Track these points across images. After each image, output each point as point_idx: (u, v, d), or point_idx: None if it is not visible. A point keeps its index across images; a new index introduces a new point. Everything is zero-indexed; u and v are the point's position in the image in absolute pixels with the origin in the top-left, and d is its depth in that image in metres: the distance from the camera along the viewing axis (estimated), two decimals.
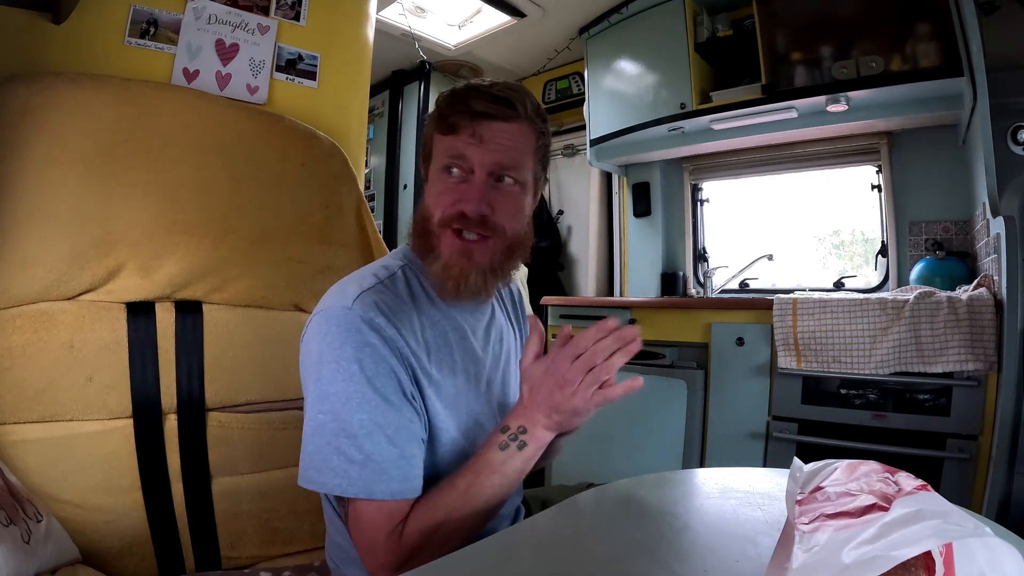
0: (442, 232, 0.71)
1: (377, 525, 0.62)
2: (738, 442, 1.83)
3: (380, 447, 0.62)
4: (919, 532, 0.33)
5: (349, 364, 0.62)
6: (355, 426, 0.62)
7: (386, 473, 0.62)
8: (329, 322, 0.65)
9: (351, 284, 0.69)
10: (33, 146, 0.92)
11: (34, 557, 0.74)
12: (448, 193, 0.70)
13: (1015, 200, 1.32)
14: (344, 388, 0.62)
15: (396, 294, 0.70)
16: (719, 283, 2.52)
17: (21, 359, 0.88)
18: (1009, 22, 1.32)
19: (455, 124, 0.70)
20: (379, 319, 0.65)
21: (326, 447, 0.62)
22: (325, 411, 0.63)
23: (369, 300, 0.66)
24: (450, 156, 0.70)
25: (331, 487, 0.62)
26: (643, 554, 0.48)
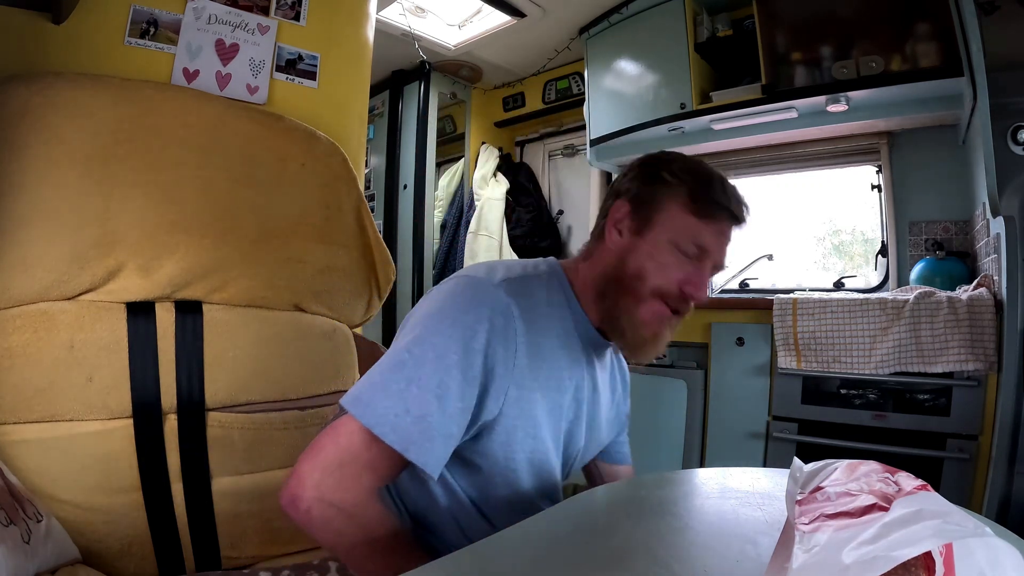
0: (652, 299, 0.73)
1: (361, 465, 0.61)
2: (738, 442, 1.83)
3: (440, 416, 0.61)
4: (919, 532, 0.33)
5: (462, 329, 0.63)
6: (432, 381, 0.61)
7: (430, 440, 0.61)
8: (468, 287, 0.67)
9: (500, 268, 0.72)
10: (33, 146, 0.92)
11: (34, 557, 0.74)
12: (677, 270, 0.72)
13: (1015, 200, 1.32)
14: (443, 343, 0.62)
15: (536, 296, 0.71)
16: (719, 283, 2.52)
17: (21, 359, 0.88)
18: (1009, 22, 1.32)
19: (713, 216, 0.73)
20: (514, 307, 0.66)
21: (393, 386, 0.61)
22: (414, 353, 0.62)
23: (513, 287, 0.68)
24: (695, 241, 0.73)
25: (371, 421, 0.60)
26: (643, 554, 0.48)
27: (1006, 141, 1.31)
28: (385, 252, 1.27)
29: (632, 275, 0.73)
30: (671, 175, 0.74)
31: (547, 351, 0.71)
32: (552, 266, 0.79)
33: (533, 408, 0.69)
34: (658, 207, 0.74)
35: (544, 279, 0.75)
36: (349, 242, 1.22)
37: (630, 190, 0.77)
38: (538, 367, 0.69)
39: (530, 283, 0.72)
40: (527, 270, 0.74)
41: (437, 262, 3.16)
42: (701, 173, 0.75)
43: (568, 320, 0.75)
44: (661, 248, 0.73)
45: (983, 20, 1.33)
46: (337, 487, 0.60)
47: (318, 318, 1.17)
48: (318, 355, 1.14)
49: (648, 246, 0.73)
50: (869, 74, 1.82)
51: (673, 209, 0.73)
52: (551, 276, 0.76)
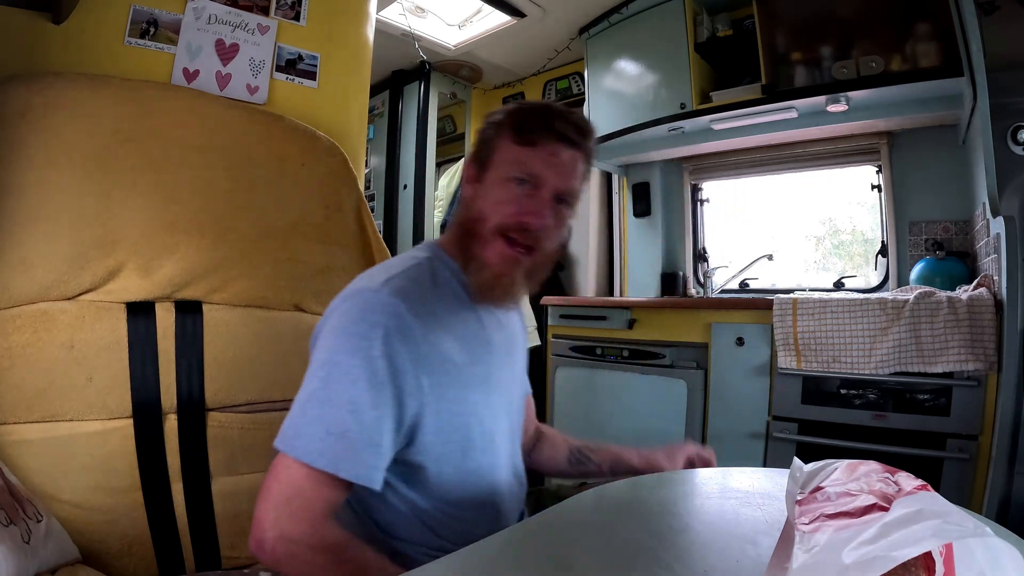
0: (493, 238, 0.73)
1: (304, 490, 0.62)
2: (738, 442, 1.83)
3: (359, 428, 0.63)
4: (919, 532, 0.33)
5: (359, 340, 0.64)
6: (342, 399, 0.63)
7: (357, 455, 0.62)
8: (354, 300, 0.68)
9: (380, 271, 0.72)
10: (33, 146, 0.92)
11: (34, 557, 0.74)
12: (512, 203, 0.73)
13: (1015, 200, 1.32)
14: (346, 361, 0.63)
15: (421, 284, 0.72)
16: (719, 283, 2.52)
17: (21, 359, 0.88)
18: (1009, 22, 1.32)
19: (535, 140, 0.73)
20: (402, 305, 0.66)
21: (310, 412, 0.63)
22: (321, 377, 0.64)
23: (395, 286, 0.68)
24: (523, 169, 0.73)
25: (301, 452, 0.62)
26: (643, 554, 0.48)
27: (1006, 141, 1.31)
28: (385, 252, 1.28)
29: (475, 218, 0.75)
30: (499, 118, 0.77)
31: (449, 330, 0.72)
32: (430, 246, 0.80)
33: (454, 390, 0.71)
34: (491, 150, 0.76)
35: (425, 264, 0.76)
36: (349, 242, 1.22)
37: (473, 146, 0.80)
38: (446, 350, 0.70)
39: (413, 274, 0.73)
40: (407, 262, 0.75)
41: None
42: (522, 107, 0.78)
43: (460, 289, 0.77)
44: (496, 186, 0.74)
45: (983, 20, 1.32)
46: (292, 520, 0.61)
47: (318, 318, 1.16)
48: None
49: (486, 188, 0.75)
50: (869, 74, 1.82)
51: (502, 146, 0.75)
52: (431, 258, 0.78)
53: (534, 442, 0.99)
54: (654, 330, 2.07)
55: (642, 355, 2.06)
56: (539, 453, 0.98)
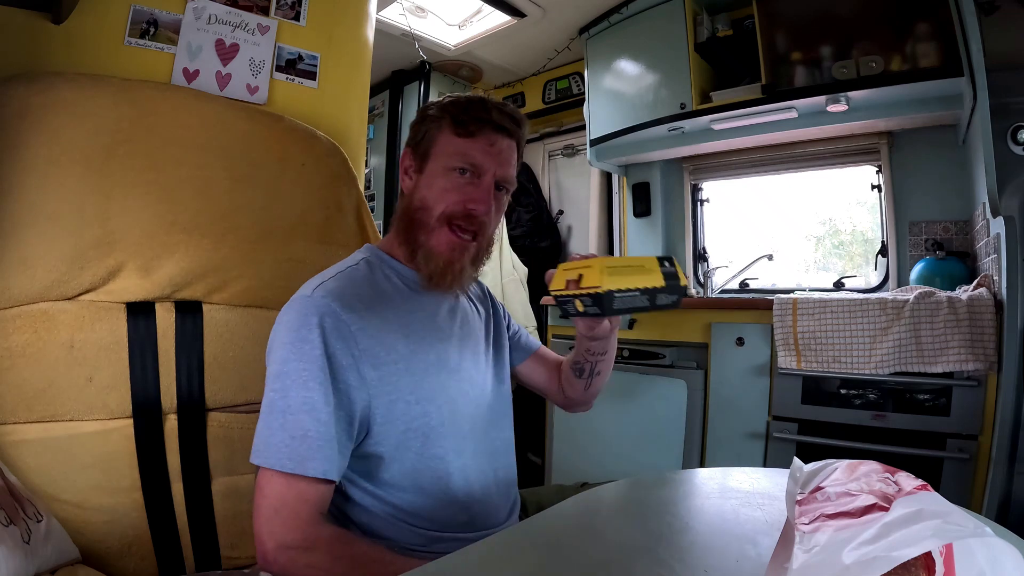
0: (440, 227, 0.76)
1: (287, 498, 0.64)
2: (738, 442, 1.83)
3: (317, 426, 0.65)
4: (919, 532, 0.33)
5: (300, 345, 0.66)
6: (298, 403, 0.65)
7: (320, 450, 0.64)
8: (290, 309, 0.70)
9: (315, 278, 0.74)
10: (33, 146, 0.92)
11: (34, 557, 0.74)
12: (455, 192, 0.76)
13: (1015, 200, 1.32)
14: (294, 367, 0.66)
15: (355, 283, 0.74)
16: (719, 283, 2.52)
17: (21, 359, 0.88)
18: (1009, 22, 1.32)
19: (474, 131, 0.77)
20: (334, 304, 0.69)
21: (273, 423, 0.65)
22: (276, 389, 0.66)
23: (327, 288, 0.71)
24: (465, 160, 0.77)
25: (272, 461, 0.64)
26: (643, 554, 0.48)
27: (1006, 141, 1.31)
28: None
29: (418, 208, 0.78)
30: (436, 110, 0.79)
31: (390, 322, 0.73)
32: (367, 249, 0.83)
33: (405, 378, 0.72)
34: (430, 141, 0.78)
35: (362, 264, 0.78)
36: (349, 242, 1.22)
37: (409, 138, 0.82)
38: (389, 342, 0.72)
39: (344, 277, 0.75)
40: (339, 267, 0.78)
41: None
42: (461, 99, 0.80)
43: (399, 283, 0.79)
44: (438, 176, 0.77)
45: (983, 20, 1.32)
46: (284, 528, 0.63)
47: None
48: None
49: (427, 178, 0.78)
50: (869, 74, 1.82)
51: (442, 138, 0.78)
52: (366, 258, 0.80)
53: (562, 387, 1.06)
54: (654, 330, 2.07)
55: (642, 355, 2.06)
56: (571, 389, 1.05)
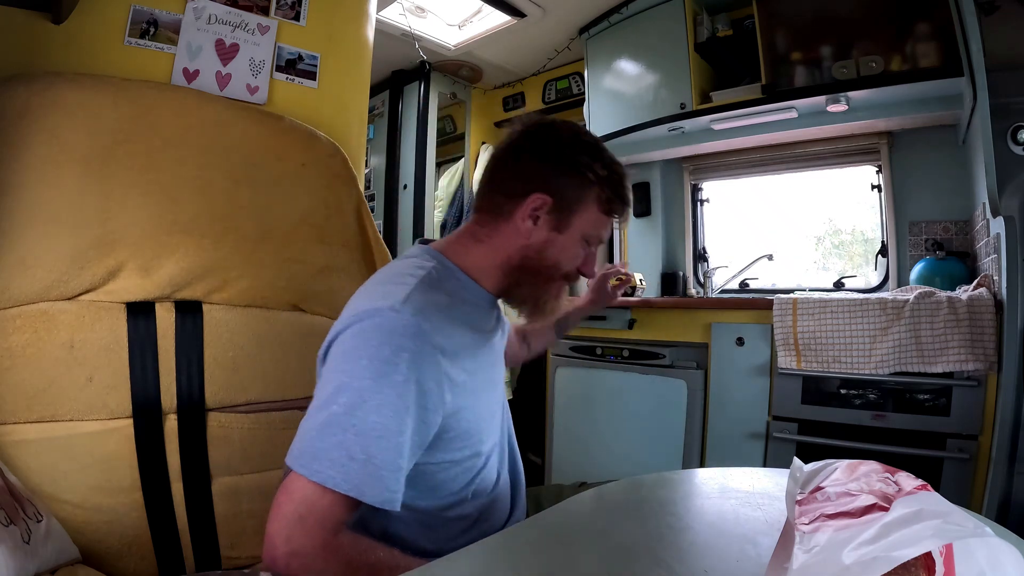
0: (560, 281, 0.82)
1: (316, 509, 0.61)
2: (738, 442, 1.83)
3: (385, 454, 0.62)
4: (919, 532, 0.33)
5: (382, 366, 0.63)
6: (367, 426, 0.62)
7: (382, 480, 0.62)
8: (373, 322, 0.65)
9: (394, 286, 0.70)
10: (33, 146, 0.92)
11: (34, 557, 0.74)
12: (580, 259, 0.82)
13: (1015, 200, 1.32)
14: (369, 386, 0.62)
15: (437, 298, 0.71)
16: (719, 283, 2.52)
17: (21, 359, 0.88)
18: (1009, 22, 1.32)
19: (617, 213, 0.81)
20: (424, 325, 0.65)
21: (331, 438, 0.62)
22: (341, 403, 0.62)
23: (415, 305, 0.67)
24: (598, 235, 0.82)
25: (324, 477, 0.61)
26: (643, 554, 0.48)
27: (1006, 141, 1.31)
28: (385, 252, 1.28)
29: (549, 266, 0.79)
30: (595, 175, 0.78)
31: (463, 343, 0.73)
32: (430, 253, 0.79)
33: (470, 399, 0.72)
34: (579, 206, 0.78)
35: (435, 275, 0.75)
36: (349, 242, 1.22)
37: (552, 185, 0.77)
38: (463, 363, 0.71)
39: (426, 288, 0.71)
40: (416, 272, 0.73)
41: None
42: (616, 172, 0.80)
43: (469, 303, 0.78)
44: (575, 244, 0.80)
45: (983, 20, 1.32)
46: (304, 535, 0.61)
47: (318, 318, 1.17)
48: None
49: (565, 241, 0.79)
50: (869, 74, 1.82)
51: (587, 205, 0.79)
52: (440, 269, 0.76)
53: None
54: (654, 330, 2.07)
55: (642, 355, 2.06)
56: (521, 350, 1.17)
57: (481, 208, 0.81)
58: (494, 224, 0.79)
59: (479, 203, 0.82)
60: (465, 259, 0.79)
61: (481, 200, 0.82)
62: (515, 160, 0.79)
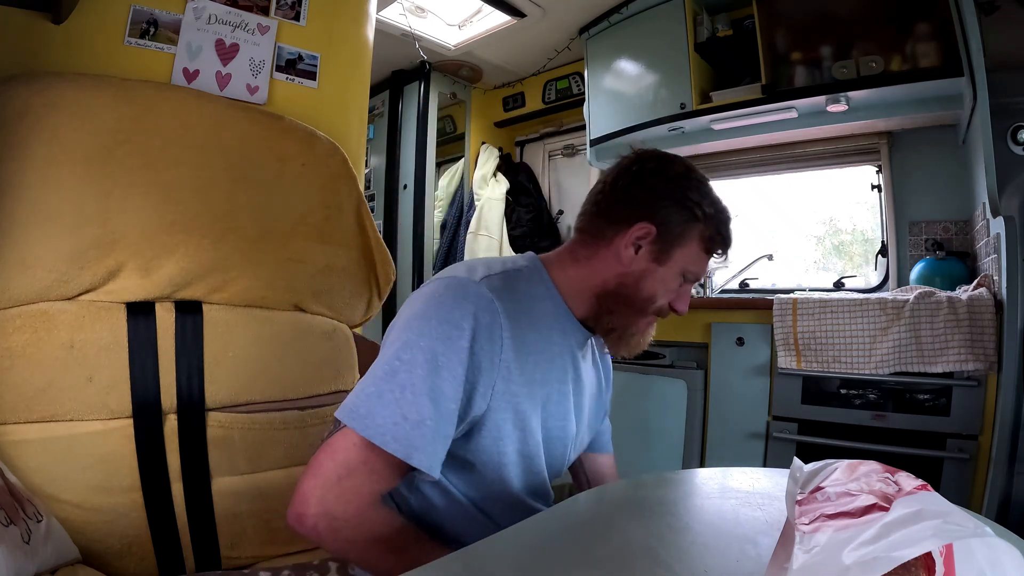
0: (650, 314, 0.79)
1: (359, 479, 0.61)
2: (738, 442, 1.83)
3: (436, 417, 0.62)
4: (920, 532, 0.33)
5: (449, 328, 0.63)
6: (423, 386, 0.62)
7: (431, 444, 0.62)
8: (450, 287, 0.67)
9: (480, 265, 0.72)
10: (33, 146, 0.91)
11: (34, 557, 0.74)
12: (675, 293, 0.80)
13: (1015, 200, 1.32)
14: (430, 346, 0.62)
15: (517, 291, 0.72)
16: (719, 283, 2.52)
17: (21, 359, 0.88)
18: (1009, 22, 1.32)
19: (715, 251, 0.79)
20: (497, 303, 0.66)
21: (387, 393, 0.62)
22: (404, 359, 0.63)
23: (494, 284, 0.68)
24: (696, 272, 0.79)
25: (371, 432, 0.61)
26: (643, 554, 0.48)
27: (1006, 141, 1.31)
28: (385, 252, 1.27)
29: (645, 297, 0.77)
30: (702, 212, 0.77)
31: (531, 344, 0.71)
32: (532, 261, 0.80)
33: (520, 402, 0.70)
34: (682, 241, 0.77)
35: (524, 274, 0.76)
36: (349, 242, 1.22)
37: (658, 216, 0.76)
38: (523, 361, 0.70)
39: (511, 278, 0.72)
40: (507, 266, 0.75)
41: (437, 262, 3.16)
42: (722, 212, 0.79)
43: (550, 314, 0.76)
44: (673, 278, 0.78)
45: (983, 20, 1.33)
46: (339, 500, 0.61)
47: (318, 318, 1.17)
48: (318, 355, 1.14)
49: (664, 274, 0.77)
50: (869, 74, 1.82)
51: (693, 244, 0.77)
52: (532, 271, 0.77)
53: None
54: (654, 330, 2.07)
55: (642, 355, 2.05)
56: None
57: (583, 230, 0.81)
58: (594, 247, 0.79)
59: (581, 224, 0.82)
60: (560, 275, 0.79)
61: (583, 222, 0.81)
62: (624, 187, 0.79)
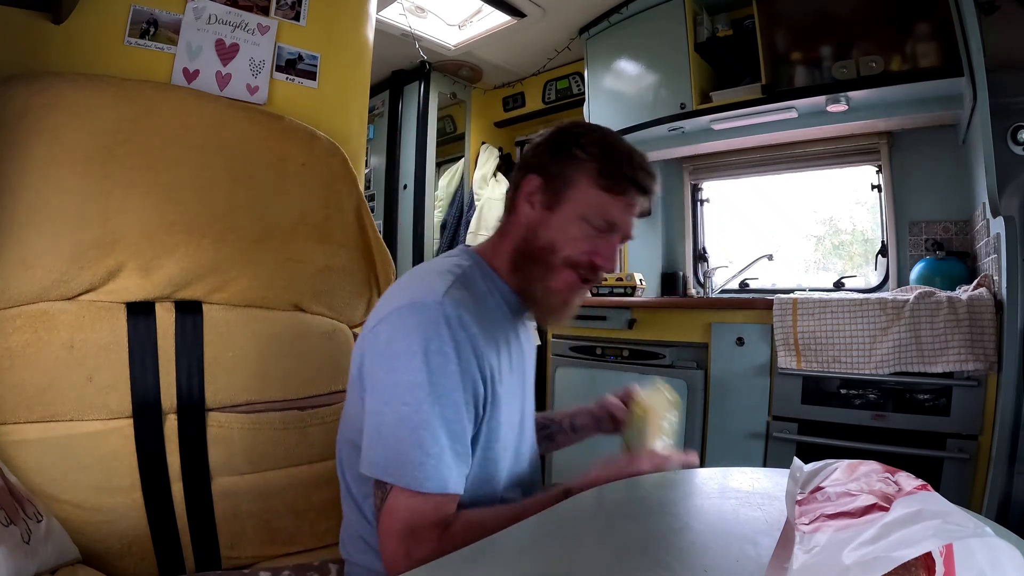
0: (562, 269, 0.75)
1: (426, 515, 0.63)
2: (738, 442, 1.83)
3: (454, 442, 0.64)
4: (920, 532, 0.33)
5: (435, 357, 0.64)
6: (437, 419, 0.63)
7: (457, 468, 0.64)
8: (419, 314, 0.66)
9: (434, 277, 0.71)
10: (33, 146, 0.92)
11: (34, 557, 0.74)
12: (585, 242, 0.75)
13: (1015, 200, 1.32)
14: (428, 379, 0.63)
15: (474, 295, 0.73)
16: (719, 283, 2.52)
17: (21, 359, 0.88)
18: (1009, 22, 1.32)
19: (622, 191, 0.75)
20: (467, 316, 0.67)
21: (408, 438, 0.63)
22: (409, 402, 0.63)
23: (455, 298, 0.68)
24: (604, 216, 0.75)
25: (408, 480, 0.62)
26: (643, 554, 0.48)
27: (1006, 141, 1.31)
28: (385, 252, 1.27)
29: (544, 247, 0.75)
30: (582, 150, 0.75)
31: (496, 343, 0.73)
32: (468, 254, 0.81)
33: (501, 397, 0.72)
34: (569, 182, 0.75)
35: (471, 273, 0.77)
36: (349, 242, 1.22)
37: (541, 164, 0.78)
38: (495, 363, 0.71)
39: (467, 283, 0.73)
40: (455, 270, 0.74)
41: None
42: (611, 147, 0.76)
43: (499, 300, 0.78)
44: (571, 222, 0.75)
45: (983, 20, 1.32)
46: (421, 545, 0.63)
47: (318, 318, 1.17)
48: (318, 355, 1.14)
49: (559, 220, 0.75)
50: (869, 74, 1.82)
51: (583, 184, 0.75)
52: (474, 266, 0.78)
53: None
54: (654, 330, 2.07)
55: (642, 355, 2.06)
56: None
57: (504, 207, 0.83)
58: (507, 218, 0.81)
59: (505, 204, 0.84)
60: (492, 255, 0.81)
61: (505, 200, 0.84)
62: (522, 156, 0.82)
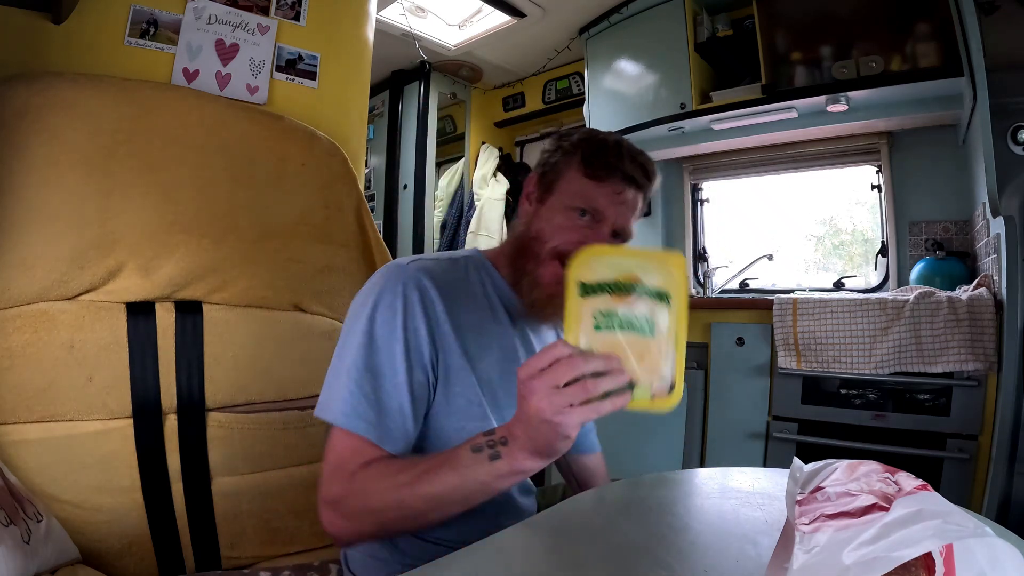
0: (550, 260, 0.75)
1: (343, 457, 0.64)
2: (738, 442, 1.83)
3: (394, 393, 0.66)
4: (920, 533, 0.33)
5: (383, 310, 0.67)
6: (381, 366, 0.65)
7: (378, 419, 0.65)
8: (383, 274, 0.71)
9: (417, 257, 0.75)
10: (33, 146, 0.92)
11: (34, 557, 0.74)
12: (573, 231, 0.74)
13: (1015, 200, 1.32)
14: (369, 328, 0.66)
15: (450, 273, 0.74)
16: (719, 283, 2.52)
17: (21, 359, 0.88)
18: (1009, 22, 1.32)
19: (604, 177, 0.75)
20: (426, 281, 0.69)
21: (351, 381, 0.65)
22: (349, 346, 0.67)
23: (423, 265, 0.71)
24: (587, 202, 0.75)
25: (333, 415, 0.65)
26: (643, 554, 0.48)
27: (1006, 141, 1.31)
28: (385, 252, 1.27)
29: (532, 238, 0.77)
30: (570, 143, 0.79)
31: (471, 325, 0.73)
32: (473, 252, 0.83)
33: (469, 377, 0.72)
34: (557, 174, 0.78)
35: (463, 262, 0.79)
36: (349, 242, 1.22)
37: (539, 163, 0.82)
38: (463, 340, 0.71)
39: (445, 263, 0.75)
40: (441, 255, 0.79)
41: None
42: (596, 139, 0.79)
43: (493, 295, 0.79)
44: (558, 211, 0.76)
45: (983, 20, 1.32)
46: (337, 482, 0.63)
47: (318, 318, 1.17)
48: (318, 355, 1.14)
49: (547, 211, 0.77)
50: (869, 74, 1.82)
51: (569, 174, 0.77)
52: (470, 259, 0.80)
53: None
54: None
55: None
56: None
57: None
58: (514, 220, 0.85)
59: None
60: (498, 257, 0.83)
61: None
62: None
